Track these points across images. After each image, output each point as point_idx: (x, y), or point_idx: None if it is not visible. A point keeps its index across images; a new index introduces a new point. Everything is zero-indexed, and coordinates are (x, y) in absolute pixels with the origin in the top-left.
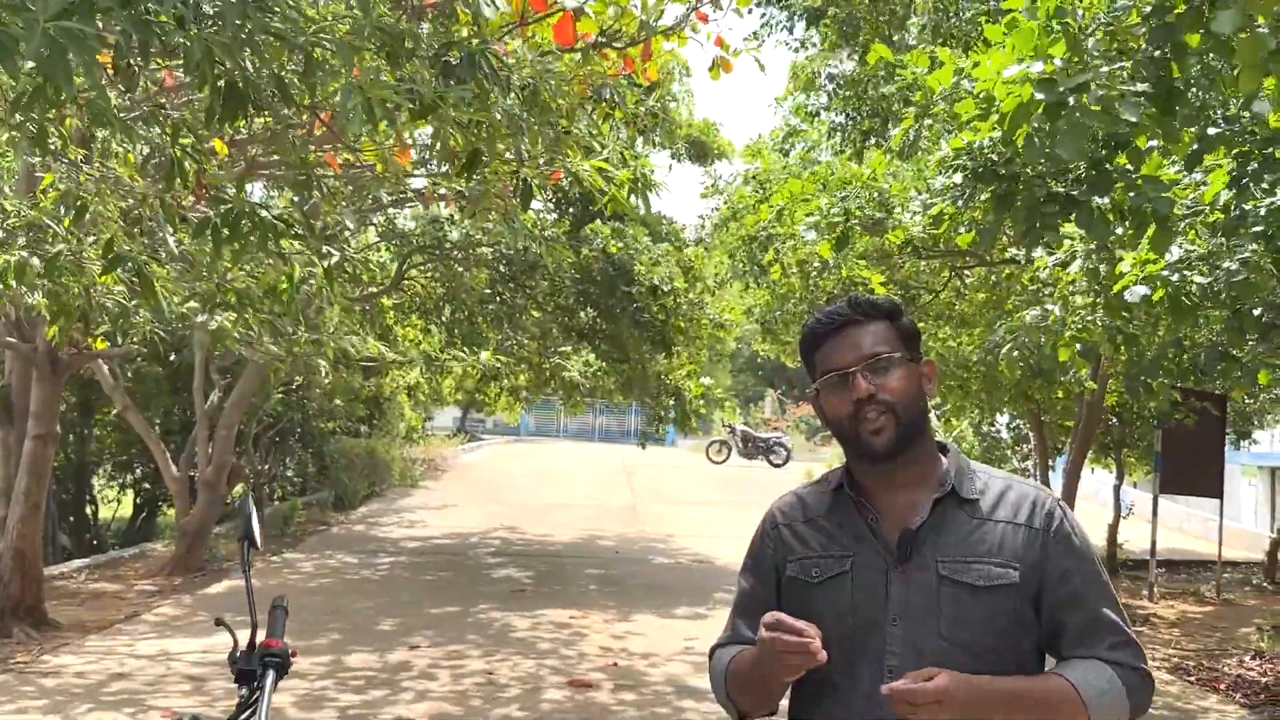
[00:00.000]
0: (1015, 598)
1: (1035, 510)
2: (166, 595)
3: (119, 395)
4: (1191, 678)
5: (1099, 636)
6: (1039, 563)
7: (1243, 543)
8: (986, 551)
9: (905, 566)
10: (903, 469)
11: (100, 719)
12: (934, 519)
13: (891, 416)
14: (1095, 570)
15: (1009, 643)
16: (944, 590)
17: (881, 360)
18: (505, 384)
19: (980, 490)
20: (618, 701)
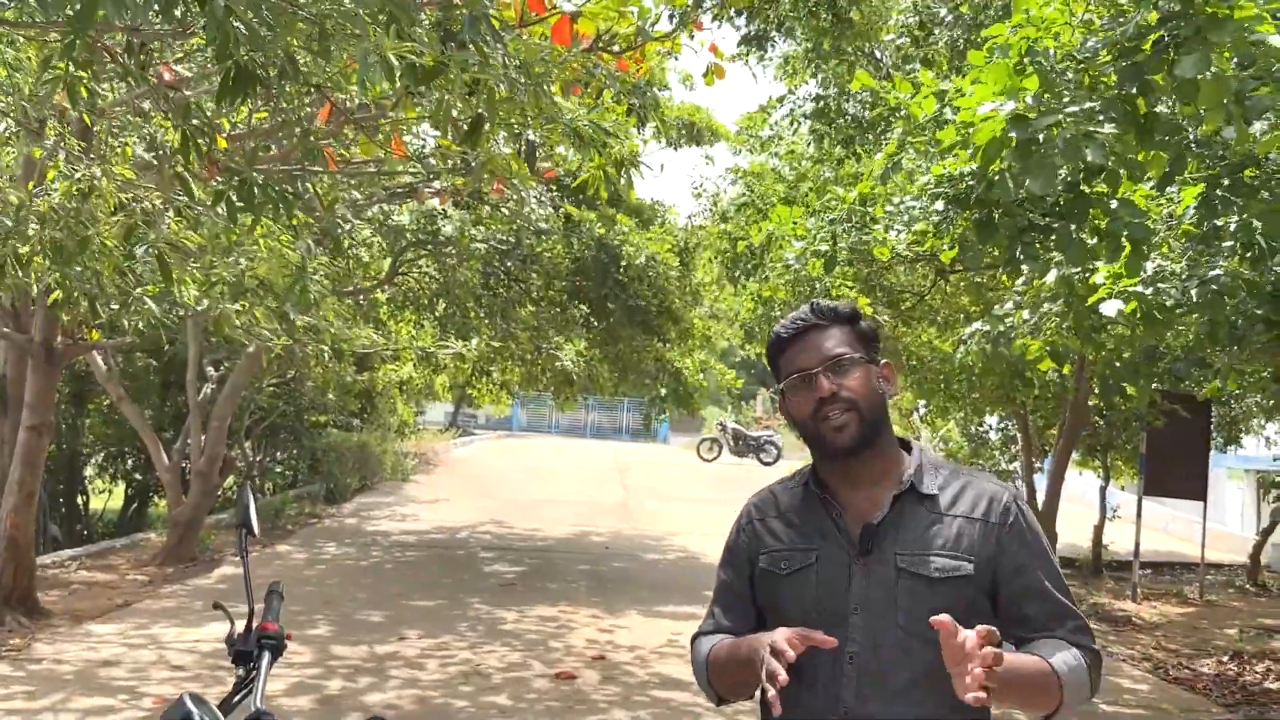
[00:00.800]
0: (970, 589)
1: (992, 506)
2: (158, 585)
3: (113, 386)
4: (1170, 678)
5: (1060, 623)
6: (994, 556)
7: (1228, 545)
8: (943, 545)
9: (866, 560)
10: (865, 466)
11: (91, 705)
12: (894, 514)
13: (854, 414)
14: (1050, 562)
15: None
16: (901, 582)
17: (842, 361)
18: (497, 378)
19: (940, 486)
20: (601, 692)
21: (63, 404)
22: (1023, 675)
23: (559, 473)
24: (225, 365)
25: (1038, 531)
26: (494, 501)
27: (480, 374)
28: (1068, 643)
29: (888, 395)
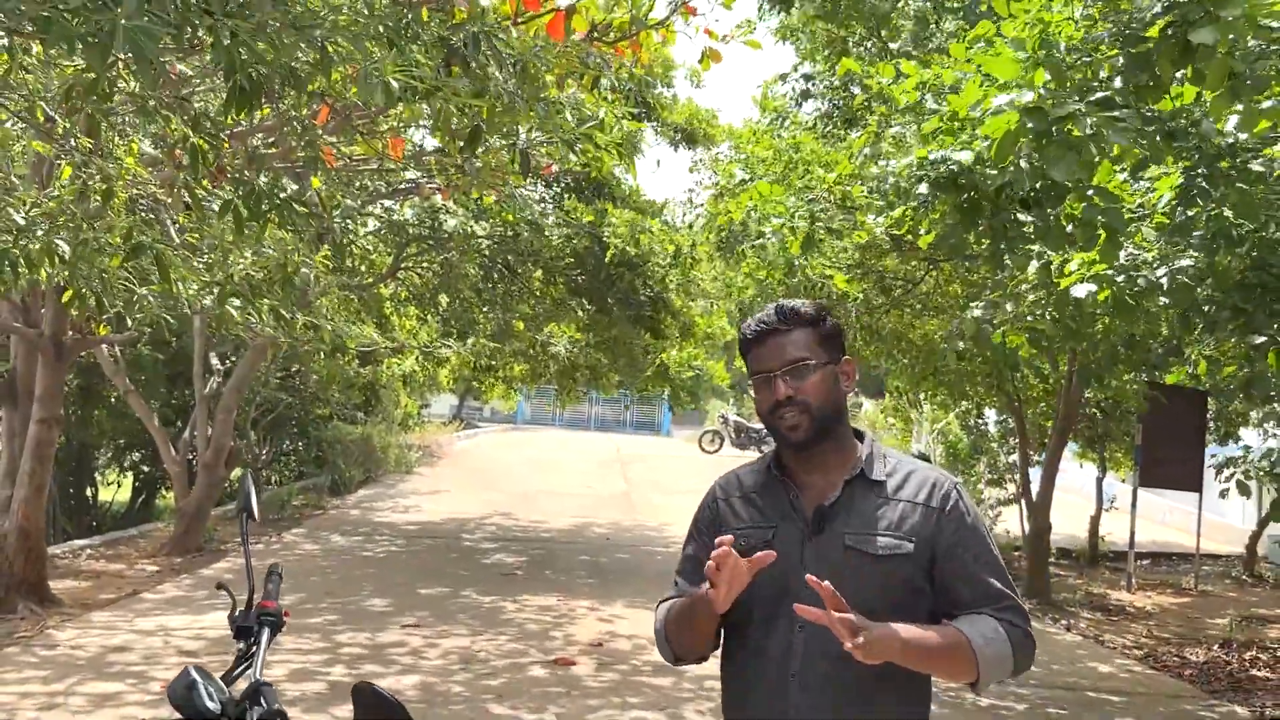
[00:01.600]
0: (909, 566)
1: (934, 491)
2: (166, 575)
3: (120, 379)
4: (1159, 665)
5: (990, 603)
6: (932, 536)
7: (1227, 537)
8: (887, 526)
9: (818, 538)
10: (820, 456)
11: (102, 689)
12: (845, 497)
13: (807, 415)
14: (985, 545)
15: (904, 607)
16: (849, 559)
17: (800, 367)
18: (500, 374)
19: (889, 473)
20: (597, 679)
21: (71, 397)
22: (931, 643)
23: (562, 465)
24: (230, 359)
25: (975, 518)
26: (497, 493)
27: (484, 370)
28: (995, 617)
29: (846, 390)
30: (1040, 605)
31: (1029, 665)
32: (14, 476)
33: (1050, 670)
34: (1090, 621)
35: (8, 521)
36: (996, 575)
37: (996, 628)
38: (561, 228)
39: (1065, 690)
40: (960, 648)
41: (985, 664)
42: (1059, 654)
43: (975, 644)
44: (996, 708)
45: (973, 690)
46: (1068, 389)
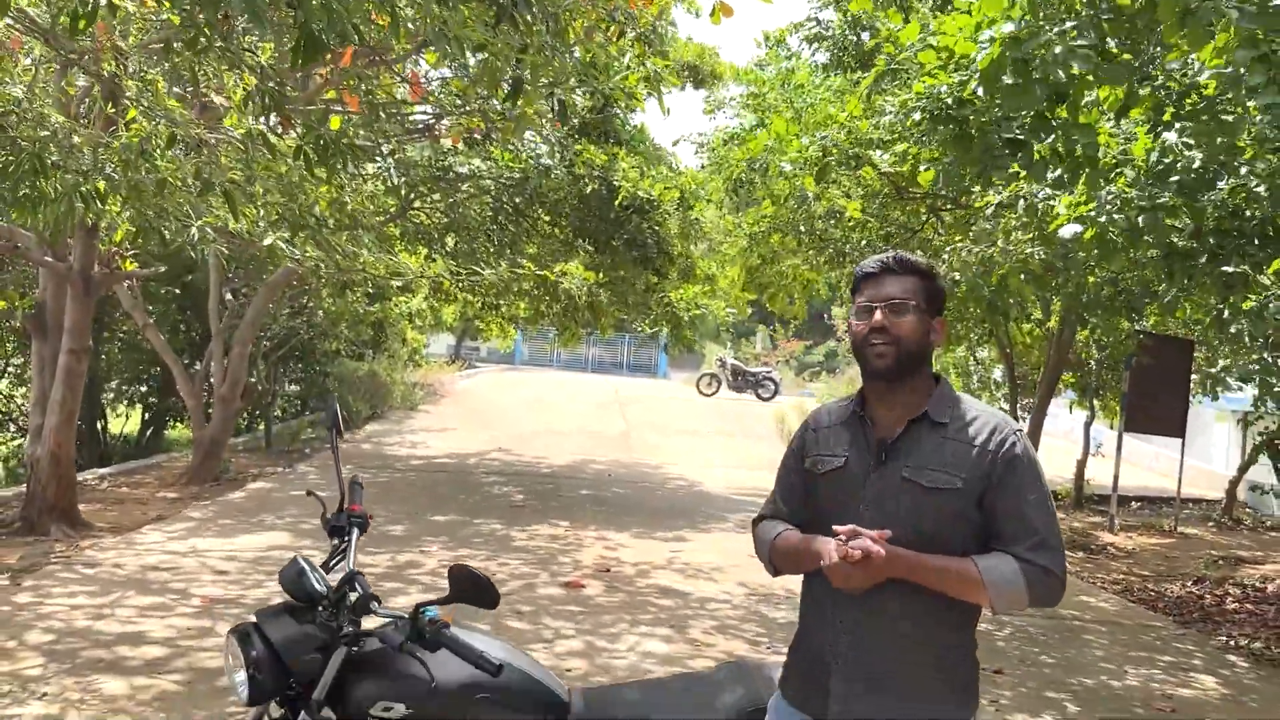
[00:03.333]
0: (958, 501)
1: (992, 435)
2: (186, 502)
3: (139, 313)
4: (1134, 598)
5: (1022, 539)
6: (985, 475)
7: (1212, 483)
8: (940, 463)
9: (881, 468)
10: (896, 393)
11: (144, 602)
12: (908, 435)
13: (894, 348)
14: (1034, 488)
15: (951, 534)
16: (904, 489)
17: (901, 304)
18: (505, 312)
19: (951, 416)
20: (607, 599)
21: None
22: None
23: (561, 405)
24: (243, 294)
25: (1031, 464)
26: (500, 431)
27: (489, 308)
28: (1018, 558)
29: (934, 344)
30: None
31: (1052, 599)
32: (44, 405)
33: None
34: (1073, 559)
35: (40, 448)
36: (1040, 517)
37: (1012, 564)
38: (570, 170)
39: (1045, 619)
40: (968, 574)
41: (993, 589)
42: None
43: (985, 576)
44: (981, 633)
45: (991, 612)
46: (1058, 335)
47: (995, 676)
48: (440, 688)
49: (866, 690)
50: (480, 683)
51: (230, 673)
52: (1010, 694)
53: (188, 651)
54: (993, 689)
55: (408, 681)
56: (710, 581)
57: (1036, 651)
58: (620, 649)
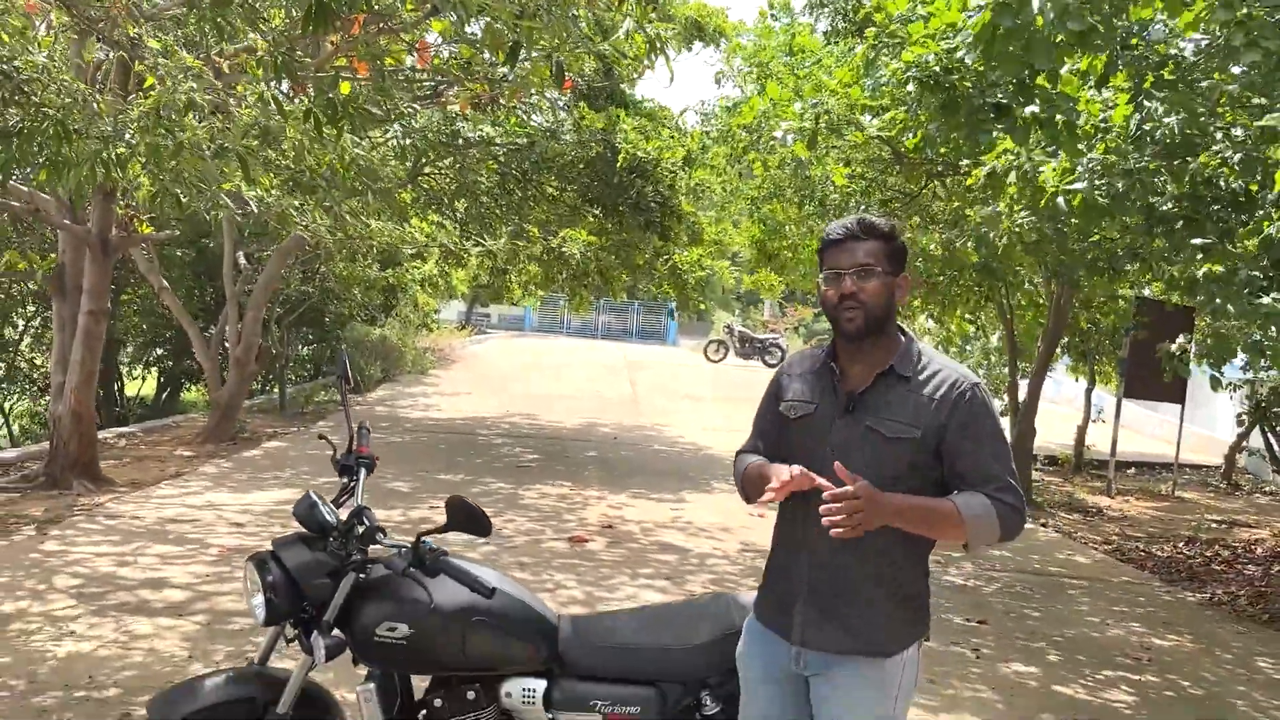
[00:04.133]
0: (916, 449)
1: (952, 388)
2: (203, 460)
3: (155, 277)
4: (1124, 558)
5: (987, 482)
6: (941, 426)
7: (1214, 450)
8: (902, 414)
9: (847, 417)
10: (865, 350)
11: (165, 552)
12: (874, 387)
13: (862, 312)
14: (993, 438)
15: (909, 481)
16: (866, 437)
17: (867, 270)
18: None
19: (915, 371)
20: (609, 554)
21: None
22: (921, 505)
23: (570, 370)
24: (256, 259)
25: (987, 413)
26: (509, 395)
27: (499, 273)
28: (986, 496)
29: (899, 301)
30: None
31: (1015, 532)
32: (65, 365)
33: (1024, 559)
34: (1067, 521)
35: (61, 406)
36: (998, 460)
37: (985, 502)
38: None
39: (1034, 575)
40: (950, 515)
41: (971, 527)
42: (1033, 547)
43: (963, 513)
44: (969, 587)
45: (965, 550)
46: (1056, 301)
47: (979, 627)
48: (439, 609)
49: (823, 621)
50: (476, 605)
51: (248, 596)
52: (994, 643)
53: (208, 596)
54: (975, 638)
55: (410, 604)
56: (711, 540)
57: (1021, 605)
58: (619, 598)
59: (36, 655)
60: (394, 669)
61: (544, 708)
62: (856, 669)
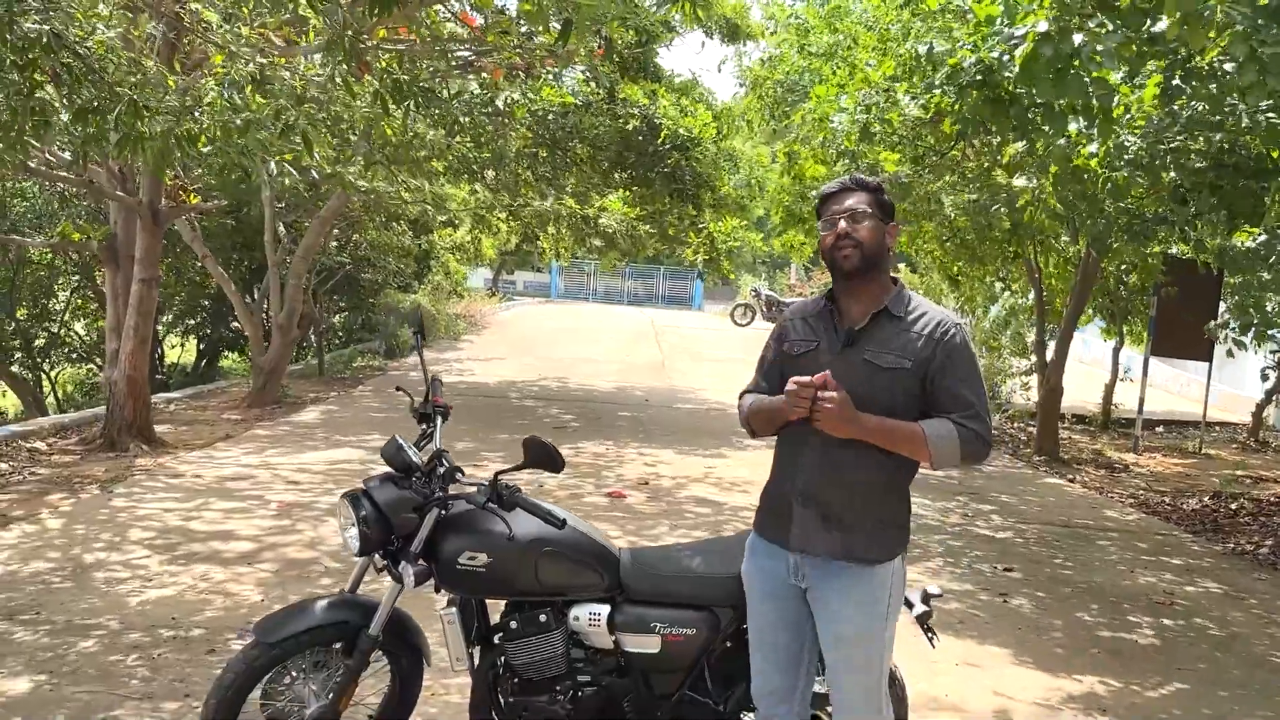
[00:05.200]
0: (906, 378)
1: (937, 328)
2: (250, 423)
3: (199, 245)
4: (1150, 511)
5: (957, 409)
6: (927, 359)
7: (1243, 408)
8: (895, 348)
9: (846, 351)
10: (860, 290)
11: (228, 507)
12: (870, 325)
13: (858, 250)
14: (970, 374)
15: (900, 406)
16: (863, 368)
17: (858, 213)
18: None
19: (906, 312)
20: (648, 507)
21: None
22: (891, 426)
23: (599, 335)
24: (295, 228)
25: (966, 351)
26: (541, 360)
27: (530, 239)
28: (955, 422)
29: (889, 246)
30: (1049, 463)
31: (979, 457)
32: (119, 331)
33: (1052, 513)
34: (1094, 477)
35: (116, 371)
36: (971, 391)
37: (950, 426)
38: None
39: (1059, 526)
40: (916, 435)
41: (934, 446)
42: (1059, 500)
43: (928, 435)
44: (998, 539)
45: (931, 467)
46: (1085, 260)
47: (1007, 574)
48: (516, 540)
49: (821, 526)
50: (547, 537)
51: (343, 530)
52: (1021, 587)
53: (274, 546)
54: (1003, 584)
55: (489, 536)
56: (744, 493)
57: (1049, 554)
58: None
59: (122, 600)
60: (474, 594)
61: (608, 630)
62: (850, 576)
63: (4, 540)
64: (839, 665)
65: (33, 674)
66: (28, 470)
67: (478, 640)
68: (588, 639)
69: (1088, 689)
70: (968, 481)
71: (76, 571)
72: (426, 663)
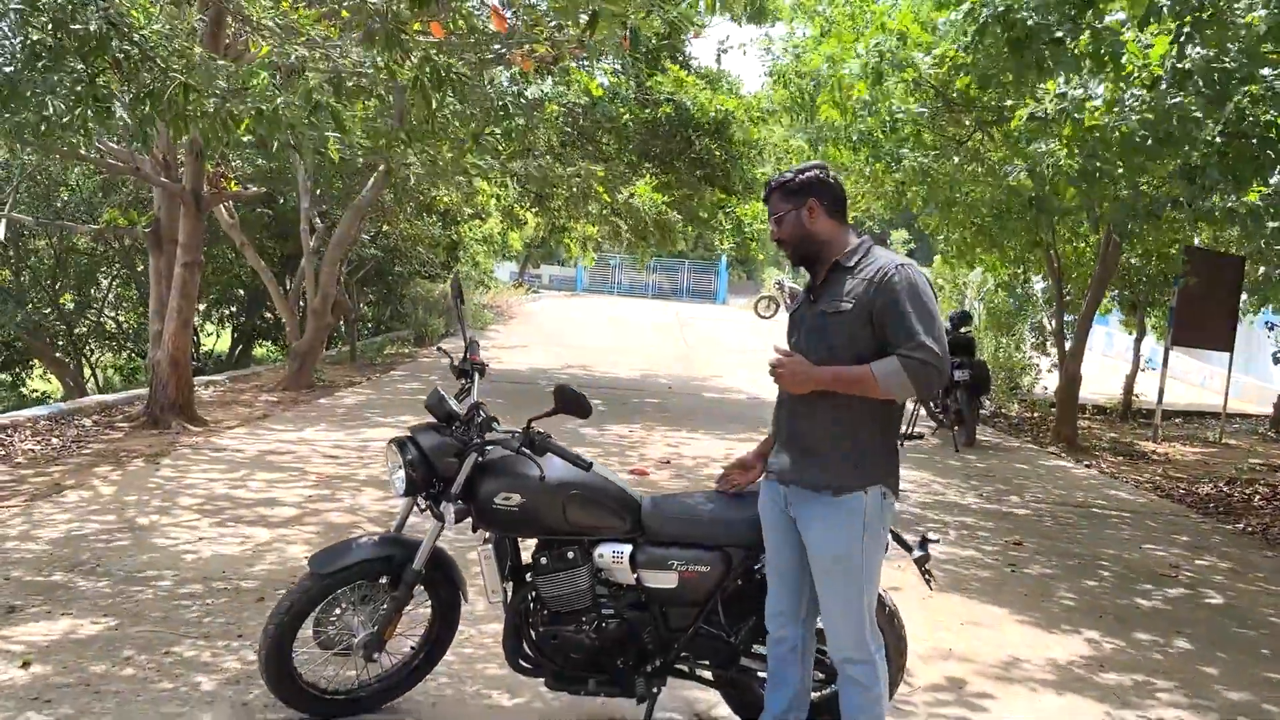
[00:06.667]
0: (853, 321)
1: (878, 272)
2: (287, 405)
3: (236, 233)
4: (1165, 495)
5: (903, 341)
6: (869, 301)
7: (1266, 399)
8: (843, 294)
9: (812, 306)
10: (817, 261)
11: (271, 478)
12: (827, 280)
13: (791, 246)
14: (912, 304)
15: (849, 347)
16: (820, 318)
17: (778, 218)
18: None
19: (856, 262)
20: (670, 485)
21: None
22: (843, 372)
23: (624, 326)
24: (329, 218)
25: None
26: (567, 349)
27: (559, 230)
28: (900, 354)
29: (811, 221)
30: (1067, 450)
31: (931, 383)
32: (162, 313)
33: (1066, 494)
34: (1111, 463)
35: (160, 352)
36: (913, 322)
37: (895, 361)
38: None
39: (1075, 508)
40: (865, 375)
41: (884, 385)
42: (1076, 483)
43: (875, 373)
44: (1012, 514)
45: (894, 401)
46: (1104, 247)
47: (1017, 548)
48: (546, 482)
49: (800, 458)
50: (575, 481)
51: (390, 473)
52: (1031, 559)
53: (317, 512)
54: (1013, 555)
55: (522, 479)
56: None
57: (1059, 530)
58: None
59: (177, 556)
60: (508, 533)
61: (630, 567)
62: (824, 504)
63: (61, 504)
64: (824, 592)
65: (97, 617)
66: (76, 445)
67: (510, 577)
68: (611, 575)
69: (1091, 647)
70: (984, 465)
71: (132, 531)
72: (464, 598)
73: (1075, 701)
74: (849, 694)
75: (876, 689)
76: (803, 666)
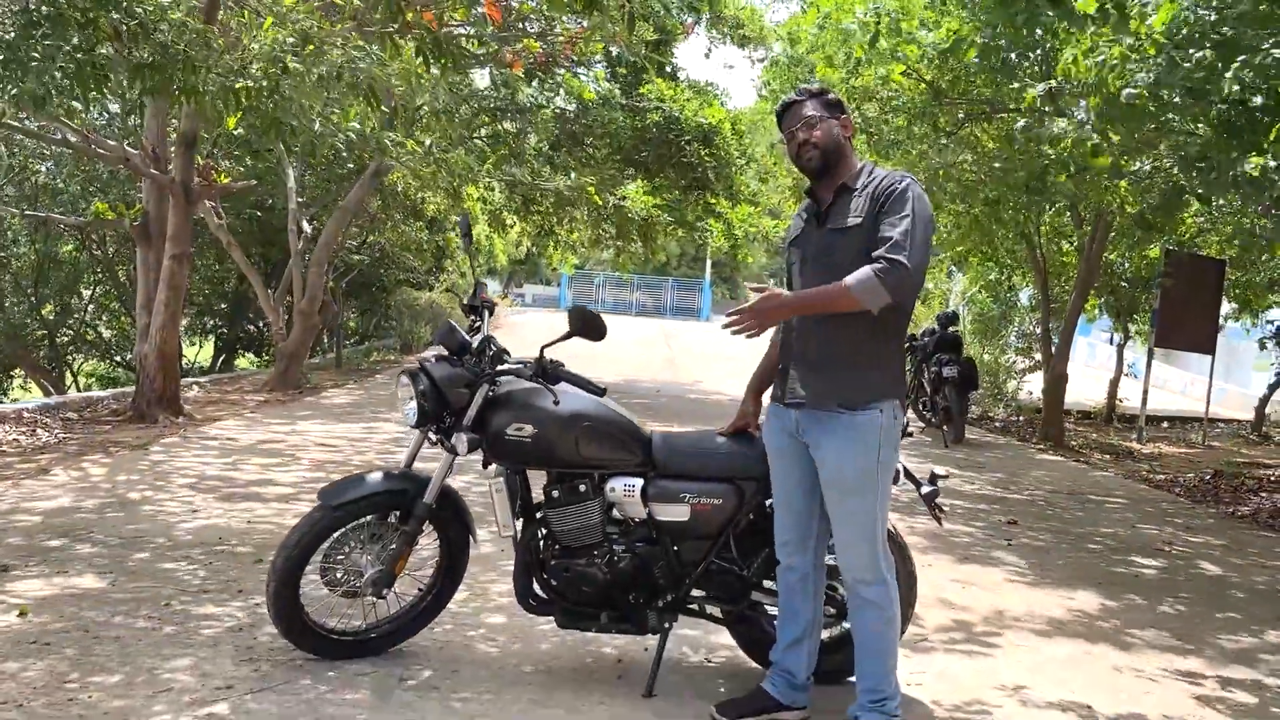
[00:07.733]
0: (859, 235)
1: (883, 182)
2: (275, 405)
3: (223, 233)
4: (1151, 484)
5: (881, 246)
6: (876, 213)
7: (1248, 406)
8: (850, 211)
9: (820, 228)
10: (827, 180)
11: (265, 462)
12: (835, 201)
13: (817, 150)
14: (900, 211)
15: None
16: (829, 236)
17: (811, 120)
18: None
19: (864, 183)
20: None
21: None
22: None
23: (610, 337)
24: (315, 221)
25: (906, 196)
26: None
27: (546, 233)
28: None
29: (845, 136)
30: (1055, 449)
31: (903, 286)
32: (150, 307)
33: (1058, 483)
34: (1100, 460)
35: (147, 345)
36: (896, 228)
37: (867, 270)
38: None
39: (1067, 494)
40: (840, 291)
41: (859, 295)
42: (1066, 474)
43: (849, 285)
44: (1007, 498)
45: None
46: (1089, 249)
47: (1012, 527)
48: (559, 413)
49: (810, 374)
50: (587, 413)
51: (401, 404)
52: (1027, 535)
53: (313, 491)
54: (1007, 530)
55: (534, 410)
56: None
57: (1056, 512)
58: None
59: (171, 525)
60: (520, 464)
61: (641, 501)
62: (838, 421)
63: (51, 482)
64: (837, 513)
65: (96, 574)
66: (62, 436)
67: (521, 514)
68: (623, 509)
69: (1088, 607)
70: (974, 459)
71: (124, 506)
72: (473, 539)
73: (1083, 646)
74: (863, 617)
75: (890, 610)
76: (813, 599)
